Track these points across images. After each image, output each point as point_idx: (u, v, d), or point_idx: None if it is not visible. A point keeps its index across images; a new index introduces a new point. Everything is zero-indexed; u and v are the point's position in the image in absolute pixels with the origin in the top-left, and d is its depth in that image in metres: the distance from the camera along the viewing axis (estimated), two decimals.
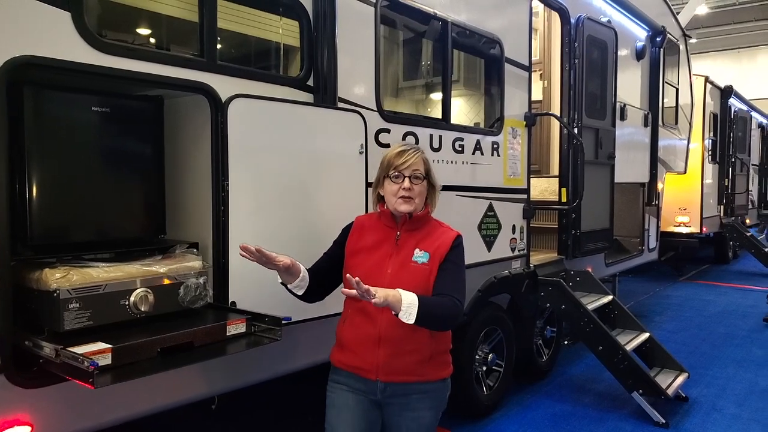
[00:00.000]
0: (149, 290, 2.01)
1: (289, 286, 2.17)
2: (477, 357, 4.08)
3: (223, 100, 2.30)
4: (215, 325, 2.01)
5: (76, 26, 1.90)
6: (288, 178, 2.52)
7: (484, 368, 4.15)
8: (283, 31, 2.92)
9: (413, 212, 2.13)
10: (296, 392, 4.26)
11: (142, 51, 2.10)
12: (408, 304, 1.91)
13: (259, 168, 2.42)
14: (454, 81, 3.99)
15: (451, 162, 3.61)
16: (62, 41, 1.87)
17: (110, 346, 1.69)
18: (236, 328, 2.03)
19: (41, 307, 1.86)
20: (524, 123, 4.32)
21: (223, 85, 2.32)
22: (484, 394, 4.15)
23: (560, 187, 4.96)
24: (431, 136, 3.44)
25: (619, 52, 5.33)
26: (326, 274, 2.25)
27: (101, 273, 1.92)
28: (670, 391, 4.17)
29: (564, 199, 4.90)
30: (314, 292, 2.22)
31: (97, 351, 1.64)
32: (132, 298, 1.97)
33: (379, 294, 1.83)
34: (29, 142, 1.94)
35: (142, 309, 1.98)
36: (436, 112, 3.74)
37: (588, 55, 4.85)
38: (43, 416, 1.88)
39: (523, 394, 4.58)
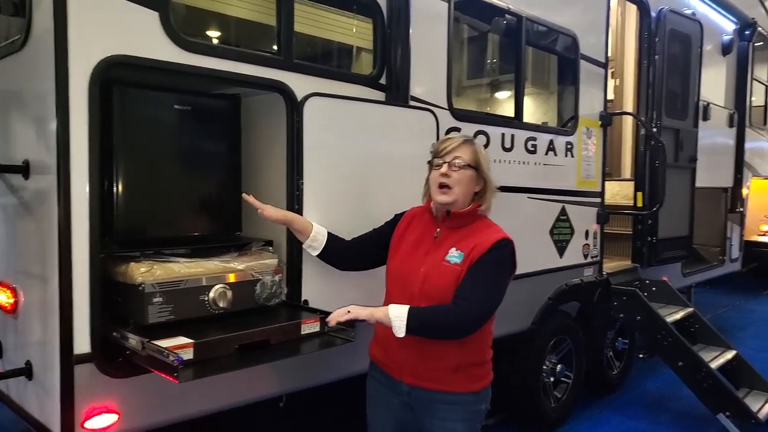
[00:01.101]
0: (227, 286, 2.02)
1: (303, 245, 2.18)
2: (545, 367, 3.94)
3: (299, 99, 2.30)
4: (290, 323, 2.00)
5: (163, 25, 1.94)
6: (360, 177, 2.50)
7: (552, 379, 4.00)
8: (356, 29, 2.91)
9: (452, 205, 1.98)
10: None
11: (223, 49, 2.13)
12: (395, 317, 1.82)
13: (333, 166, 2.42)
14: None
15: (523, 163, 3.50)
16: (150, 40, 1.92)
17: (192, 341, 1.71)
18: (310, 327, 2.01)
19: (127, 300, 1.90)
20: (599, 123, 4.15)
21: (299, 84, 2.32)
22: (551, 405, 4.00)
23: (636, 191, 4.73)
24: (503, 135, 3.34)
25: (703, 47, 5.03)
26: (368, 246, 2.20)
27: (183, 268, 1.94)
28: (761, 415, 3.86)
29: (640, 204, 4.67)
30: (345, 258, 2.22)
31: (180, 345, 1.66)
32: (211, 294, 1.99)
33: (360, 314, 1.83)
34: (117, 140, 2.01)
35: (221, 305, 2.00)
36: (506, 111, 3.65)
37: (669, 50, 4.59)
38: (129, 406, 1.93)
39: (592, 407, 4.38)
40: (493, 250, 1.93)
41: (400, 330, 1.82)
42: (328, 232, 2.19)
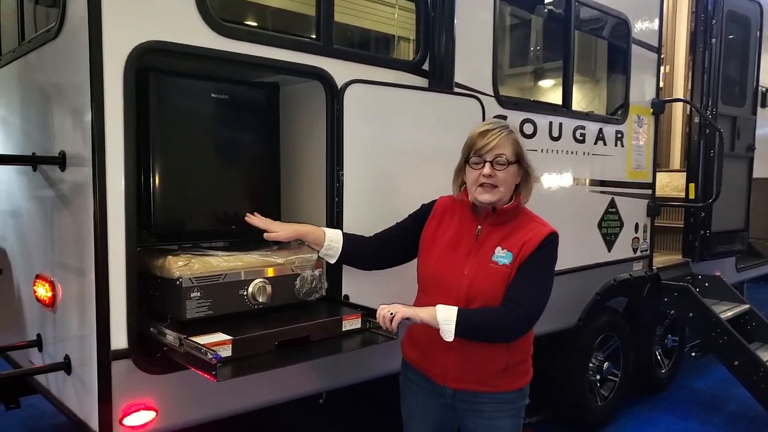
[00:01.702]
0: (267, 281, 1.94)
1: (320, 254, 2.06)
2: (591, 364, 3.78)
3: (339, 86, 2.20)
4: (331, 319, 1.92)
5: (199, 10, 1.86)
6: (403, 168, 2.40)
7: (598, 377, 3.84)
8: (398, 14, 2.79)
9: (497, 203, 1.84)
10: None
11: (261, 35, 2.04)
12: (444, 320, 1.71)
13: (374, 157, 2.32)
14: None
15: (571, 152, 3.33)
16: (187, 26, 1.85)
17: (230, 337, 1.64)
18: (351, 323, 1.92)
19: (164, 295, 1.85)
20: (651, 111, 3.93)
21: (339, 70, 2.22)
22: (598, 404, 3.85)
23: (688, 182, 4.49)
24: (550, 124, 3.18)
25: (764, 29, 4.72)
26: (391, 242, 2.06)
27: (221, 262, 1.87)
28: None
29: (692, 196, 4.43)
30: (366, 258, 2.08)
31: (218, 342, 1.59)
32: (250, 289, 1.91)
33: (406, 313, 1.71)
34: (154, 130, 1.94)
35: (260, 300, 1.92)
36: (552, 100, 3.48)
37: (727, 33, 4.32)
38: (167, 403, 1.88)
39: (639, 406, 4.20)
40: (542, 247, 1.82)
41: (448, 334, 1.71)
42: (344, 235, 2.05)
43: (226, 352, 1.60)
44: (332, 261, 2.05)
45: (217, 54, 1.91)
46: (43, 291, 2.07)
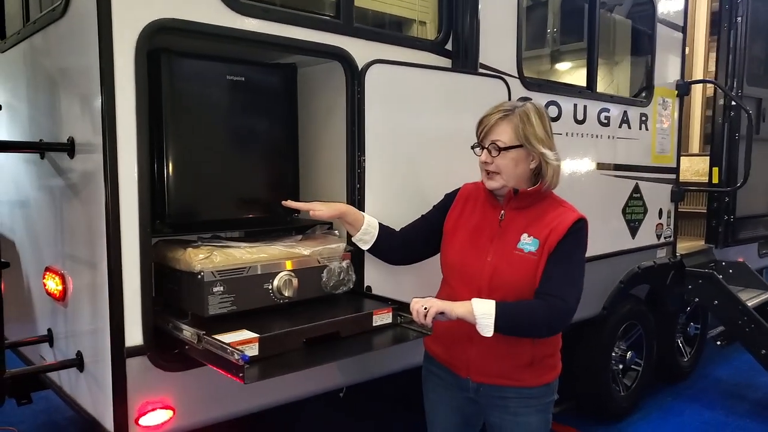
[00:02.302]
0: (293, 274, 1.83)
1: (353, 238, 1.94)
2: (614, 354, 3.69)
3: (360, 67, 2.09)
4: (362, 314, 1.80)
5: None
6: (426, 151, 2.29)
7: (621, 366, 3.75)
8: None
9: (500, 190, 1.77)
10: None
11: (278, 12, 1.92)
12: (482, 314, 1.60)
13: (397, 141, 2.21)
14: (583, 48, 3.56)
15: (596, 136, 3.21)
16: (200, 3, 1.73)
17: (257, 335, 1.53)
18: (382, 318, 1.81)
19: (184, 289, 1.74)
20: (675, 92, 3.79)
21: (360, 50, 2.11)
22: (621, 394, 3.76)
23: (711, 166, 4.35)
24: (575, 106, 3.06)
25: None
26: (417, 235, 1.96)
27: (245, 254, 1.76)
28: None
29: (716, 180, 4.30)
30: (396, 251, 1.98)
31: (244, 341, 1.48)
32: (275, 282, 1.79)
33: (435, 306, 1.60)
34: (167, 114, 1.84)
35: (286, 294, 1.81)
36: (576, 81, 3.35)
37: (753, 11, 4.16)
38: (185, 401, 1.80)
39: (662, 396, 4.11)
40: (571, 234, 1.71)
41: (487, 329, 1.60)
42: (379, 224, 1.96)
43: (252, 351, 1.49)
44: (365, 247, 1.95)
45: (232, 33, 1.80)
46: (53, 284, 1.98)
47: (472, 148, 1.82)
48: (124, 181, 1.62)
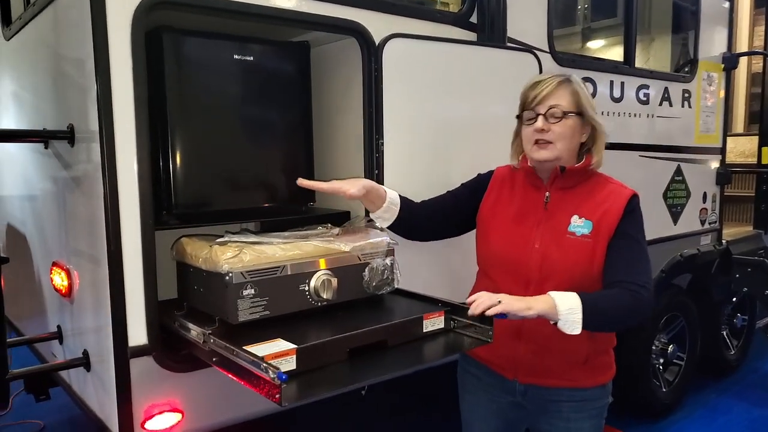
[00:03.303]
0: (331, 273, 1.63)
1: (372, 215, 1.76)
2: (654, 347, 3.47)
3: (377, 42, 1.93)
4: (411, 319, 1.55)
5: None
6: (450, 133, 2.13)
7: (662, 361, 3.53)
8: None
9: (555, 162, 1.59)
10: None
11: None
12: (567, 310, 1.42)
13: (418, 122, 2.05)
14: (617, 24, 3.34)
15: (635, 115, 2.99)
16: None
17: (294, 346, 1.31)
18: (433, 323, 1.59)
19: (209, 292, 1.57)
20: (722, 66, 3.53)
21: (376, 24, 1.95)
22: (663, 391, 3.54)
23: (760, 146, 4.07)
24: (611, 83, 2.84)
25: None
26: (443, 212, 1.78)
27: (277, 252, 1.55)
28: None
29: (765, 161, 4.02)
30: (416, 229, 1.80)
31: (280, 353, 1.26)
32: (312, 283, 1.59)
33: (515, 305, 1.40)
34: (171, 97, 1.71)
35: (324, 296, 1.60)
36: (612, 56, 3.13)
37: None
38: (194, 403, 1.69)
39: (707, 392, 3.87)
40: (628, 213, 1.56)
41: (574, 325, 1.42)
42: (401, 199, 1.78)
43: (289, 364, 1.29)
44: (384, 225, 1.77)
45: (239, 7, 1.66)
46: (59, 279, 1.89)
47: (518, 117, 1.64)
48: (122, 169, 1.51)
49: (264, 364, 1.20)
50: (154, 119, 1.65)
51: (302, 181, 1.70)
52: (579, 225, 1.57)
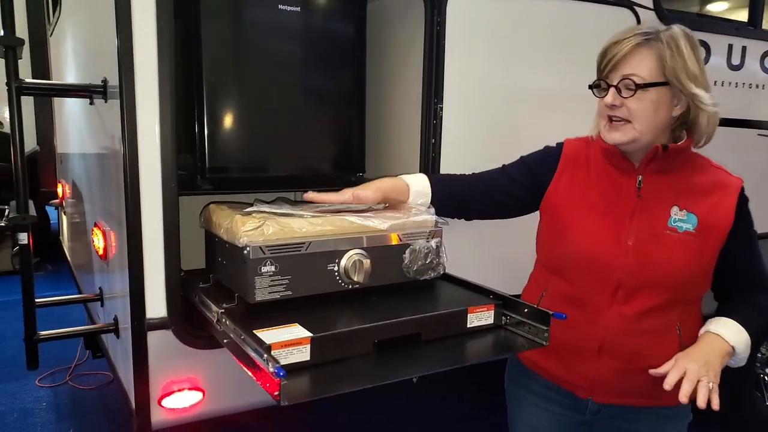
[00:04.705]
0: (365, 253, 1.43)
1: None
2: (759, 356, 3.06)
3: None
4: (453, 311, 1.34)
5: None
6: (522, 101, 1.86)
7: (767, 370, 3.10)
8: None
9: (631, 144, 1.29)
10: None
11: None
12: (745, 346, 1.29)
13: (484, 87, 1.80)
14: None
15: (756, 86, 2.53)
16: None
17: (309, 334, 1.15)
18: (480, 317, 1.37)
19: (230, 265, 1.43)
20: None
21: None
22: (766, 404, 3.11)
23: None
24: (730, 47, 2.40)
25: None
26: (493, 192, 1.51)
27: (305, 225, 1.37)
28: None
29: None
30: (459, 206, 1.53)
31: (292, 341, 1.12)
32: (343, 263, 1.41)
33: (714, 375, 1.21)
34: (206, 50, 1.57)
35: (354, 278, 1.41)
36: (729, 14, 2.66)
37: None
38: (216, 383, 1.58)
39: None
40: (742, 205, 1.33)
41: (744, 360, 1.31)
42: (431, 180, 1.52)
43: (302, 354, 1.14)
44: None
45: None
46: (97, 241, 1.85)
47: (591, 87, 1.33)
48: (143, 128, 1.38)
49: (266, 356, 1.04)
50: (187, 74, 1.51)
51: (309, 195, 1.48)
52: (681, 219, 1.30)
